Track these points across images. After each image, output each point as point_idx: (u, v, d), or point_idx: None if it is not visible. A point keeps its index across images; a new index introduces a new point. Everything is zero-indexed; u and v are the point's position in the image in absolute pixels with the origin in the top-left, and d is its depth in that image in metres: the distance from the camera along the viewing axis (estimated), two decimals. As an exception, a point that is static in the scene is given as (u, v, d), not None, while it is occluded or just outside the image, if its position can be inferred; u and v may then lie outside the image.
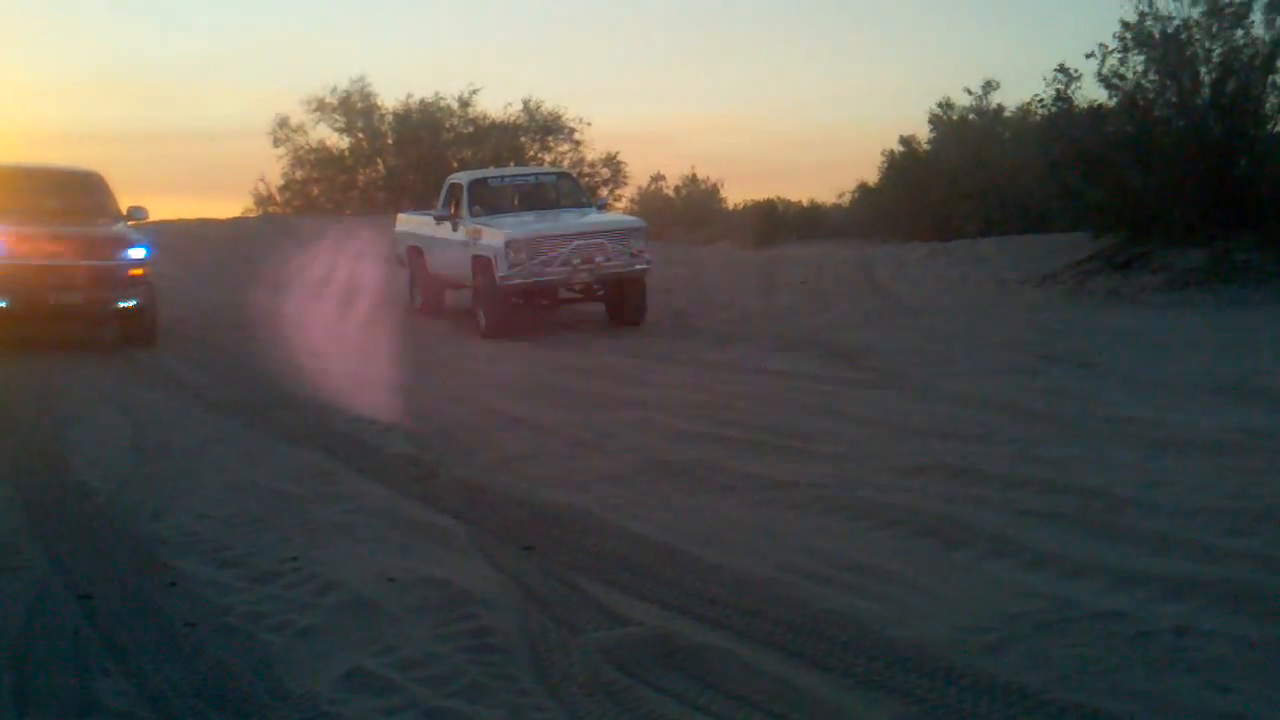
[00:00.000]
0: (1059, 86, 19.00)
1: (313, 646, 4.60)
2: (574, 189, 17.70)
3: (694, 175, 55.62)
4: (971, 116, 39.34)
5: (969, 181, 35.70)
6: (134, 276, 13.30)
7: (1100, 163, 18.11)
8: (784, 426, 8.98)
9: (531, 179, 18.04)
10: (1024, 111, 31.50)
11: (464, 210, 16.12)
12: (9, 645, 4.65)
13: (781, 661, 4.39)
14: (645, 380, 11.68)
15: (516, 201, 17.06)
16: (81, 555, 5.90)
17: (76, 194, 14.36)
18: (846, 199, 51.40)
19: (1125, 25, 18.01)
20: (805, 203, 54.23)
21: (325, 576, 5.43)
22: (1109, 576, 5.18)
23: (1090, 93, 19.45)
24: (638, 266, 15.69)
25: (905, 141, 41.83)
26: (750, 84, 74.15)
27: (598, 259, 15.33)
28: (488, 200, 16.44)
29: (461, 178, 16.98)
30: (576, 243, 15.28)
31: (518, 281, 15.03)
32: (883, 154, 42.38)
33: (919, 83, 69.95)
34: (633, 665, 4.36)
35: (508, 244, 14.92)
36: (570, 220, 15.92)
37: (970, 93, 39.43)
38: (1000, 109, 39.61)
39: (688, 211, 55.70)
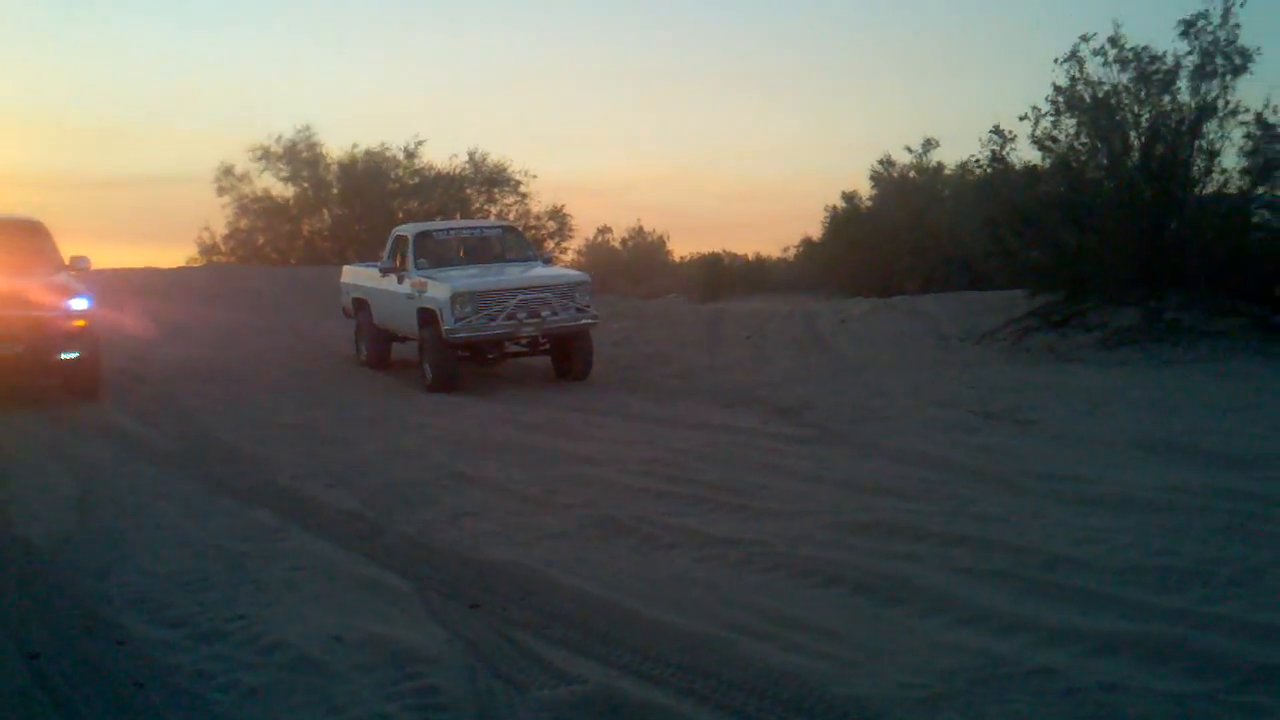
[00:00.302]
0: (994, 147, 19.47)
1: (260, 706, 4.64)
2: (519, 242, 17.82)
3: (640, 227, 56.11)
4: (912, 174, 40.12)
5: (910, 238, 36.35)
6: (77, 328, 13.20)
7: (1035, 223, 18.58)
8: (727, 483, 9.11)
9: (477, 232, 18.12)
10: (963, 170, 32.16)
11: (410, 262, 16.19)
12: (-46, 707, 4.65)
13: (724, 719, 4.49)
14: (590, 435, 11.76)
15: (462, 254, 17.16)
16: (27, 613, 5.88)
17: (17, 243, 14.23)
18: (791, 253, 52.14)
19: (1057, 89, 18.57)
20: (751, 256, 54.83)
21: (272, 635, 5.46)
22: (1041, 633, 5.34)
23: (1025, 154, 19.91)
24: (583, 321, 15.81)
25: (847, 198, 42.63)
26: (695, 137, 75.09)
27: (543, 313, 15.44)
28: (433, 253, 16.51)
29: (407, 230, 17.06)
30: (522, 296, 15.37)
31: (463, 335, 15.08)
32: (825, 209, 43.05)
33: (861, 138, 71.23)
34: (578, 724, 4.45)
35: (453, 297, 14.98)
36: (515, 274, 16.02)
37: (910, 150, 40.29)
38: (940, 167, 40.50)
39: (634, 264, 56.09)
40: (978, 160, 20.40)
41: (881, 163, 41.11)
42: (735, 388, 15.25)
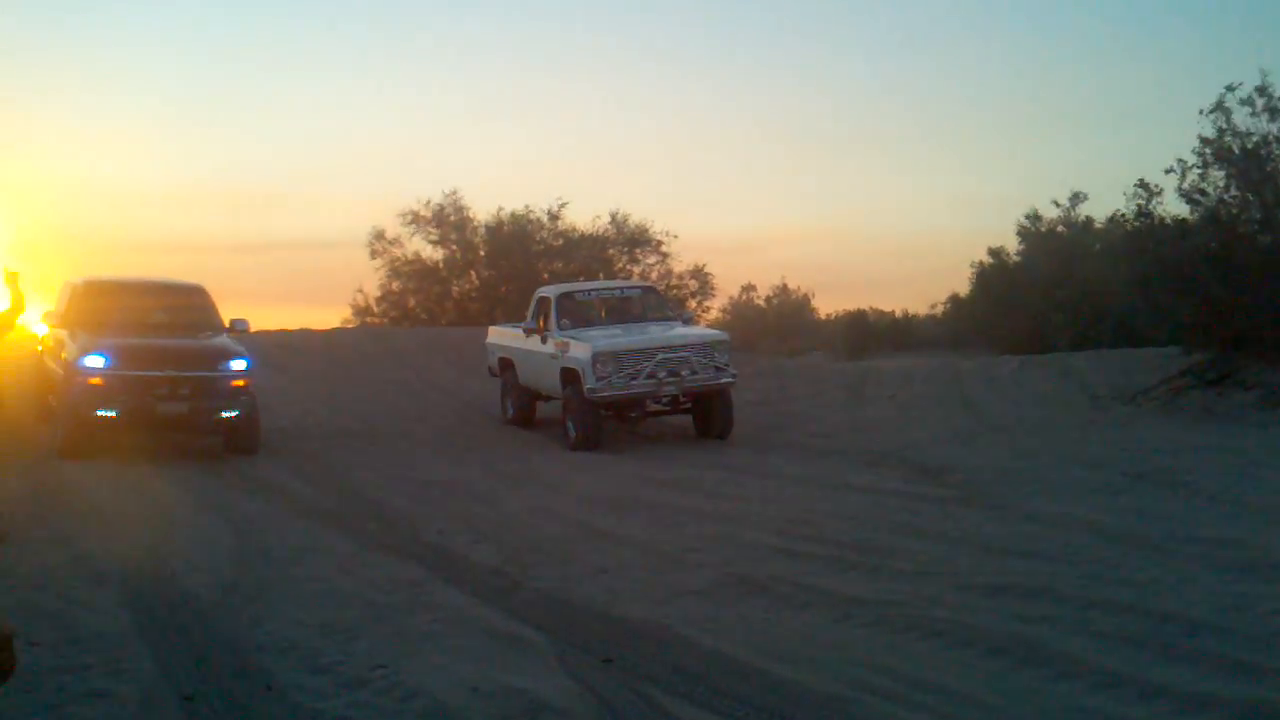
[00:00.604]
0: (1140, 201, 19.05)
1: (398, 752, 4.83)
2: (659, 302, 18.05)
3: (784, 285, 56.00)
4: (1060, 228, 39.35)
5: (1060, 294, 35.63)
6: (236, 387, 13.83)
7: (1186, 279, 18.07)
8: (866, 544, 9.10)
9: (618, 292, 18.44)
10: (1113, 223, 31.46)
11: (552, 323, 16.53)
12: (117, 744, 4.95)
13: (850, 779, 4.52)
14: (728, 494, 11.84)
15: (603, 314, 17.47)
16: (184, 658, 6.21)
17: (181, 307, 15.01)
18: (939, 310, 51.51)
19: (1204, 141, 18.13)
20: (897, 313, 54.38)
21: (411, 684, 5.67)
22: (1177, 700, 5.24)
23: (1173, 207, 19.43)
24: (723, 379, 15.92)
25: (994, 253, 41.95)
26: (842, 194, 74.74)
27: (683, 372, 15.60)
28: (575, 313, 16.84)
29: (549, 291, 17.44)
30: (662, 356, 15.56)
31: (605, 394, 15.32)
32: (971, 265, 42.45)
33: (1009, 193, 70.09)
34: (701, 778, 4.53)
35: (595, 357, 15.25)
36: (656, 333, 16.22)
37: (1058, 204, 39.51)
38: (1090, 221, 39.65)
39: (779, 322, 56.05)
40: (1124, 215, 19.97)
41: (1028, 217, 40.42)
42: (877, 447, 15.16)
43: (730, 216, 69.51)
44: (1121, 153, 62.34)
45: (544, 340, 16.58)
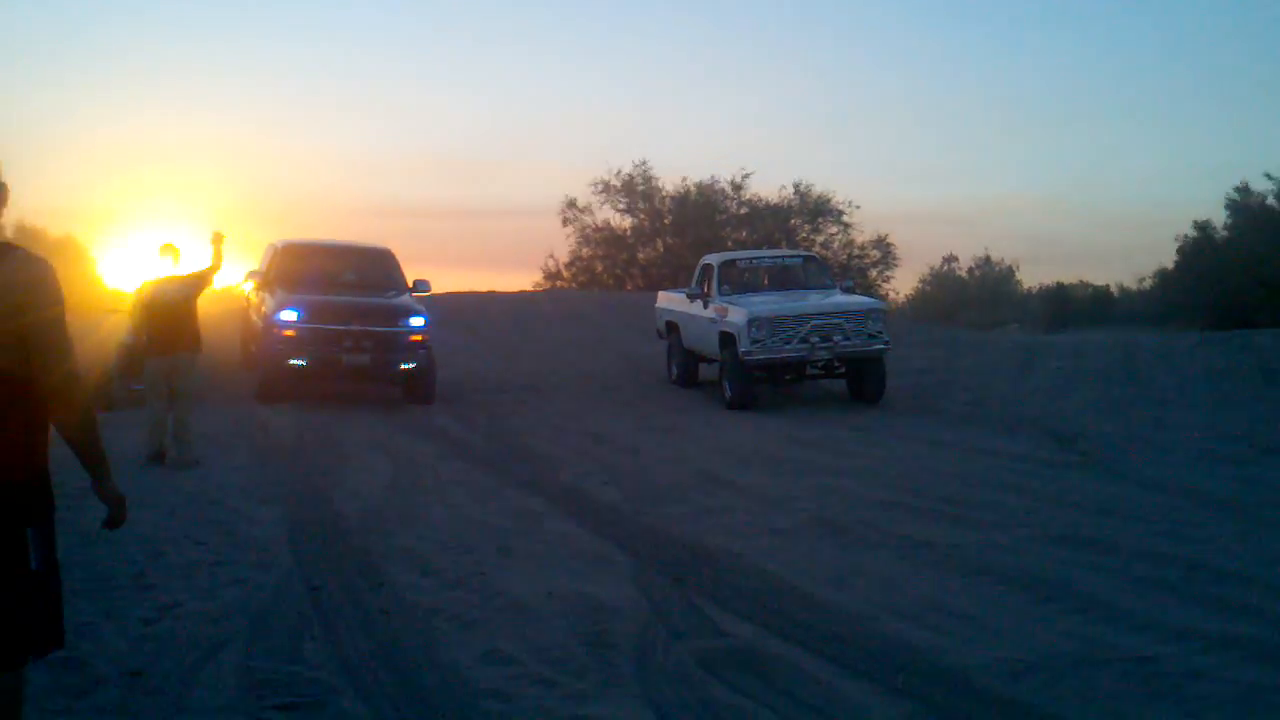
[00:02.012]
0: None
1: (469, 634, 5.80)
2: (820, 271, 18.62)
3: (988, 256, 55.20)
4: (1270, 200, 37.89)
5: (1264, 270, 34.43)
6: (414, 342, 15.15)
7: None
8: (959, 497, 9.66)
9: (779, 261, 19.08)
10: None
11: (714, 289, 17.33)
12: (252, 615, 6.07)
13: (837, 673, 5.26)
14: (857, 453, 12.47)
15: (765, 282, 18.16)
16: (320, 559, 7.34)
17: (369, 268, 16.44)
18: (1147, 284, 50.12)
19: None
20: (1104, 286, 53.06)
21: (500, 587, 6.65)
22: (1168, 632, 5.77)
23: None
24: (875, 346, 16.43)
25: (1200, 226, 40.65)
26: (1056, 164, 73.14)
27: (836, 338, 16.19)
28: (736, 280, 17.60)
29: (713, 259, 18.24)
30: (815, 322, 16.18)
31: (759, 357, 16.05)
32: (1176, 239, 41.26)
33: (1218, 164, 67.16)
34: (714, 665, 5.35)
35: (750, 321, 15.99)
36: (812, 301, 16.83)
37: (1270, 177, 38.02)
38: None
39: (980, 293, 55.39)
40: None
41: (1238, 189, 39.04)
42: (1021, 415, 15.48)
43: (933, 186, 68.82)
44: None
45: (706, 305, 17.39)
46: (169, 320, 10.85)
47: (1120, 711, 4.74)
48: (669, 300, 19.59)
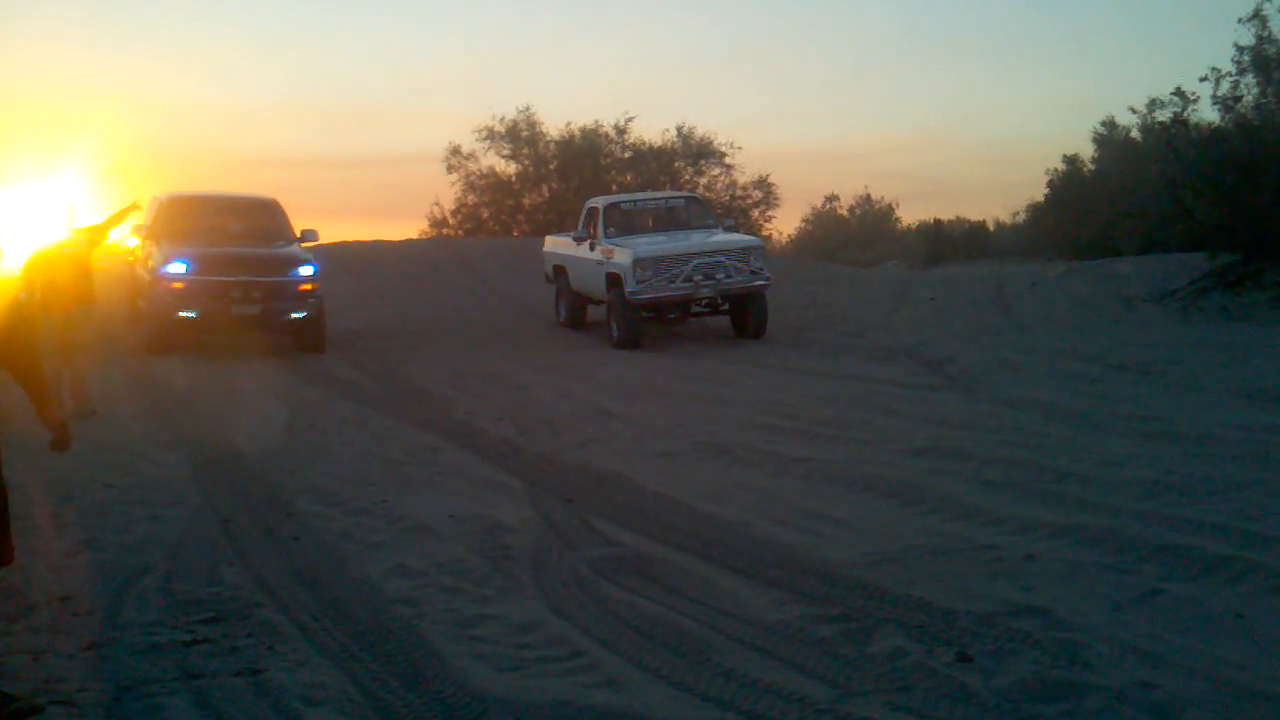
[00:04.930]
0: (1175, 110, 19.65)
1: (377, 553, 6.25)
2: (703, 211, 19.13)
3: (868, 195, 56.25)
4: (1133, 134, 39.36)
5: (1128, 201, 35.86)
6: (304, 291, 15.33)
7: (1215, 183, 18.70)
8: (834, 420, 10.29)
9: (662, 202, 19.54)
10: (1147, 131, 31.67)
11: (600, 232, 17.75)
12: (169, 546, 6.43)
13: (716, 571, 5.82)
14: (738, 383, 13.05)
15: (650, 223, 18.62)
16: (227, 496, 7.70)
17: (256, 219, 16.51)
18: (1021, 218, 51.65)
19: (1239, 49, 18.65)
20: (985, 221, 54.46)
21: (403, 513, 7.10)
22: (1011, 525, 6.44)
23: (1209, 115, 20.00)
24: (756, 283, 17.01)
25: (1069, 160, 42.07)
26: (932, 102, 74.60)
27: (718, 276, 16.74)
28: (621, 222, 18.03)
29: (598, 201, 18.64)
30: (698, 261, 16.71)
31: (644, 296, 16.54)
32: (1046, 172, 42.65)
33: (1098, 97, 69.24)
34: (606, 570, 5.87)
35: (635, 262, 16.46)
36: (695, 240, 17.35)
37: (1134, 110, 39.46)
38: (1165, 127, 39.53)
39: (861, 232, 56.50)
40: (1160, 122, 20.57)
41: (1104, 124, 40.49)
42: (895, 344, 16.21)
43: (816, 127, 69.80)
44: (1199, 59, 61.39)
45: (592, 248, 17.79)
46: (64, 275, 10.96)
47: (965, 589, 5.36)
48: (556, 244, 19.96)
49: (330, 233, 16.73)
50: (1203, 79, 19.06)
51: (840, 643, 4.83)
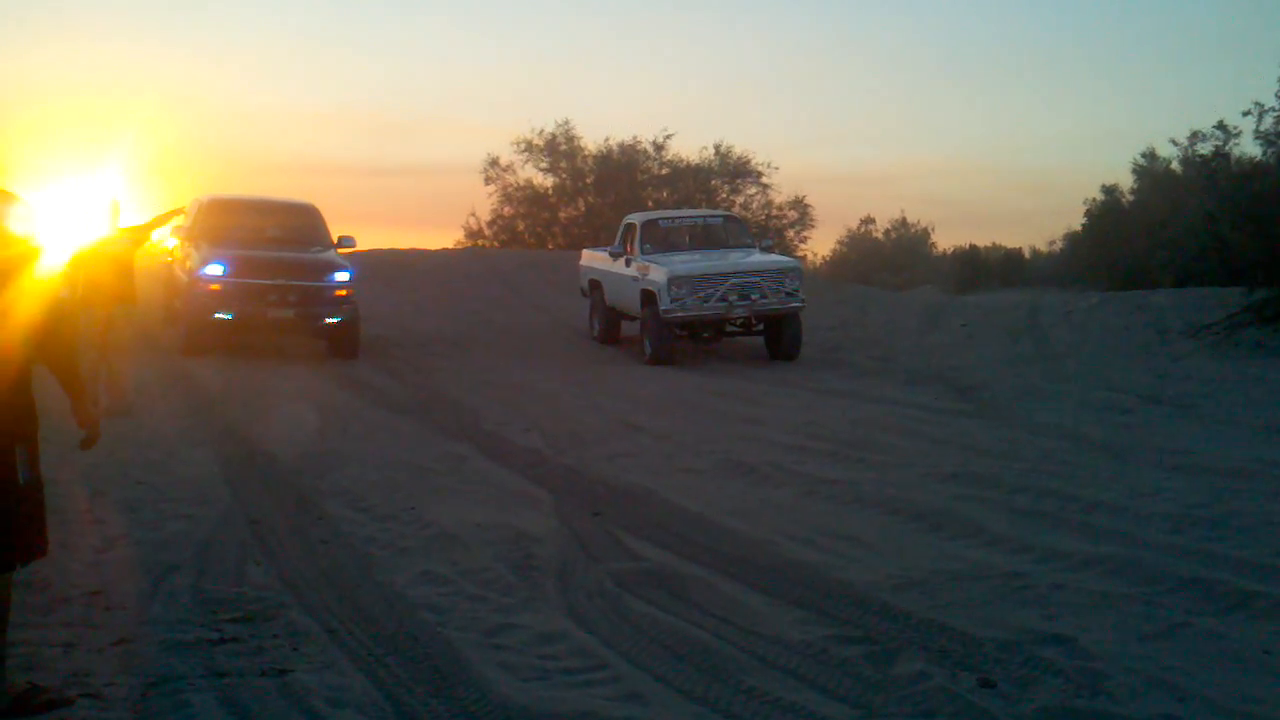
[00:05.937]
0: (1216, 143, 19.54)
1: (404, 559, 6.30)
2: (739, 230, 19.17)
3: (903, 219, 56.13)
4: (1173, 165, 39.17)
5: (1165, 233, 35.67)
6: (339, 296, 15.45)
7: (1252, 217, 18.58)
8: (863, 442, 10.29)
9: (700, 220, 19.56)
10: (1188, 164, 31.56)
11: (636, 248, 17.80)
12: (198, 544, 6.50)
13: (740, 589, 5.84)
14: (770, 403, 13.06)
15: (687, 241, 18.65)
16: (257, 497, 7.78)
17: (294, 223, 16.66)
18: (1057, 245, 51.49)
19: (1282, 84, 18.51)
20: (1015, 248, 54.26)
21: (429, 520, 7.15)
22: (1038, 553, 6.42)
23: (1250, 150, 19.90)
24: (791, 304, 17.00)
25: (1107, 190, 41.93)
26: (973, 128, 74.48)
27: (754, 296, 16.75)
28: (658, 239, 18.07)
29: (636, 218, 18.70)
30: (733, 280, 16.73)
31: (678, 314, 16.58)
32: (1084, 202, 42.51)
33: (1127, 129, 68.95)
34: (629, 583, 5.90)
35: (670, 280, 16.50)
36: (731, 260, 17.38)
37: (1175, 143, 39.28)
38: (1206, 160, 39.34)
39: (896, 255, 56.37)
40: (1201, 155, 20.47)
41: (1144, 155, 40.33)
42: (928, 369, 16.18)
43: (853, 149, 69.75)
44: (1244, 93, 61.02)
45: (628, 264, 17.84)
46: (106, 274, 11.08)
47: (989, 615, 5.36)
48: (592, 259, 20.01)
49: (367, 240, 16.90)
50: (1245, 113, 18.95)
51: (863, 665, 4.84)
